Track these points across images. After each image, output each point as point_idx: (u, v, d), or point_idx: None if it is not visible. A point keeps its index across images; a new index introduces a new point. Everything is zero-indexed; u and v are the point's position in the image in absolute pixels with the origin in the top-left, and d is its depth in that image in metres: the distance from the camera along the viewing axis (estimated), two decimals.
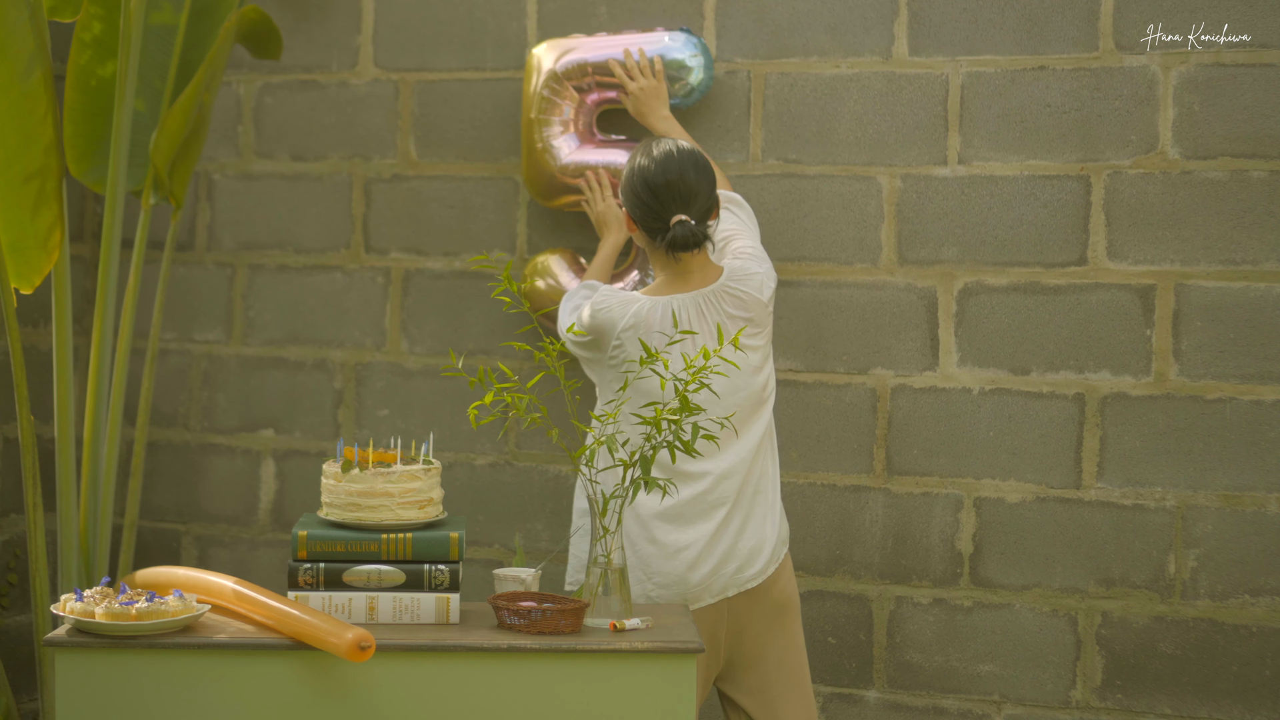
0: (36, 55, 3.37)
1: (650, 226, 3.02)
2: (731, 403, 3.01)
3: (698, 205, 3.00)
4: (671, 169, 3.00)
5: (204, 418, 4.10)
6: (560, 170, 3.62)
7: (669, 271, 3.06)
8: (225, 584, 2.86)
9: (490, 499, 3.89)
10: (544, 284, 3.66)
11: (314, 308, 4.01)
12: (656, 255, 3.07)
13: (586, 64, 3.62)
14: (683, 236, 2.98)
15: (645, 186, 3.00)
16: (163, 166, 3.60)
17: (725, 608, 3.04)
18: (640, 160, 3.04)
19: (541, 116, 3.65)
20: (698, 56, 3.59)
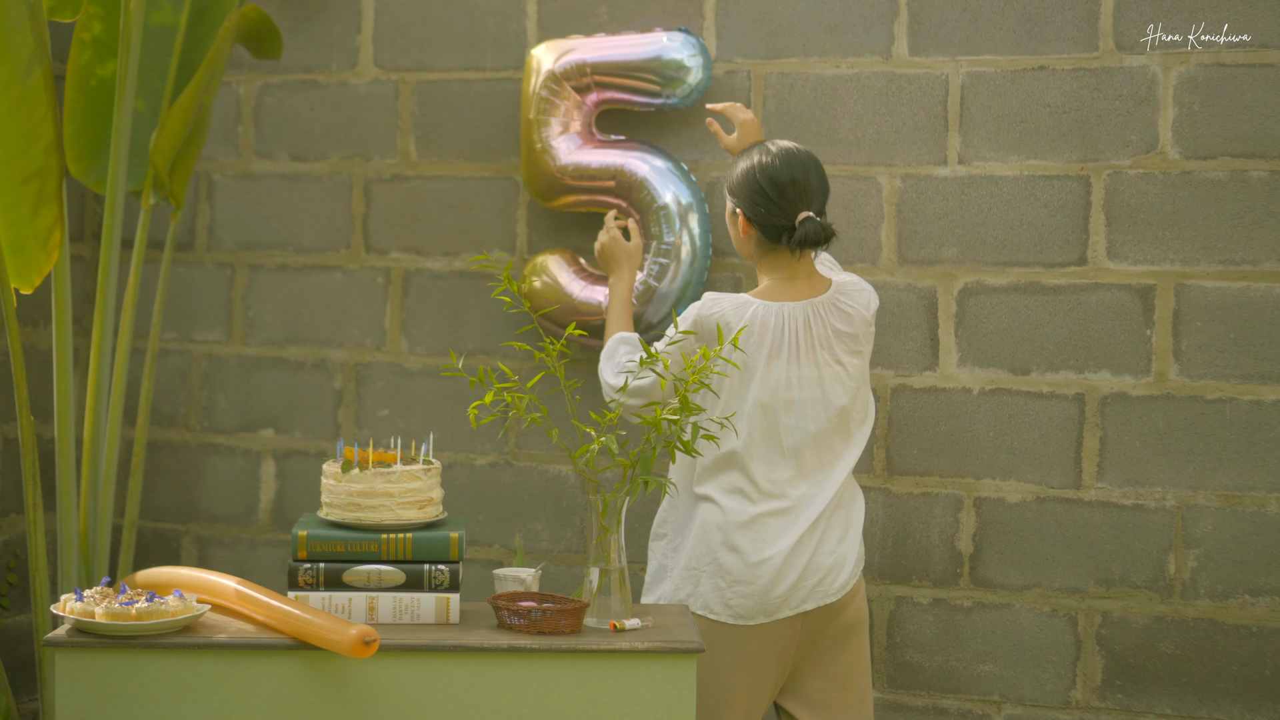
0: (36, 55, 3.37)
1: (773, 224, 2.96)
2: (813, 416, 2.96)
3: (818, 205, 2.96)
4: (796, 165, 2.96)
5: (204, 418, 4.11)
6: (560, 171, 3.62)
7: (779, 276, 3.00)
8: (226, 584, 2.86)
9: (490, 499, 3.89)
10: (540, 282, 3.66)
11: (314, 308, 4.01)
12: (769, 258, 3.01)
13: (586, 64, 3.62)
14: (813, 232, 2.92)
15: (771, 183, 2.95)
16: (163, 166, 3.60)
17: (800, 621, 2.98)
18: (761, 158, 2.98)
19: (540, 117, 3.65)
20: (696, 56, 3.59)
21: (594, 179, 3.61)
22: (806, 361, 2.94)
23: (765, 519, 2.95)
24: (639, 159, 3.59)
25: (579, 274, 3.66)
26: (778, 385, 2.93)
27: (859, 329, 3.00)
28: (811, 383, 2.95)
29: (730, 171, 3.04)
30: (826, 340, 2.96)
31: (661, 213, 3.55)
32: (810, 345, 2.94)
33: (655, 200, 3.55)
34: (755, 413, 2.95)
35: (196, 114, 3.61)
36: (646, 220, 3.57)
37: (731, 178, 3.03)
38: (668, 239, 3.55)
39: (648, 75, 3.60)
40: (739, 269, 3.68)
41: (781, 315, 2.94)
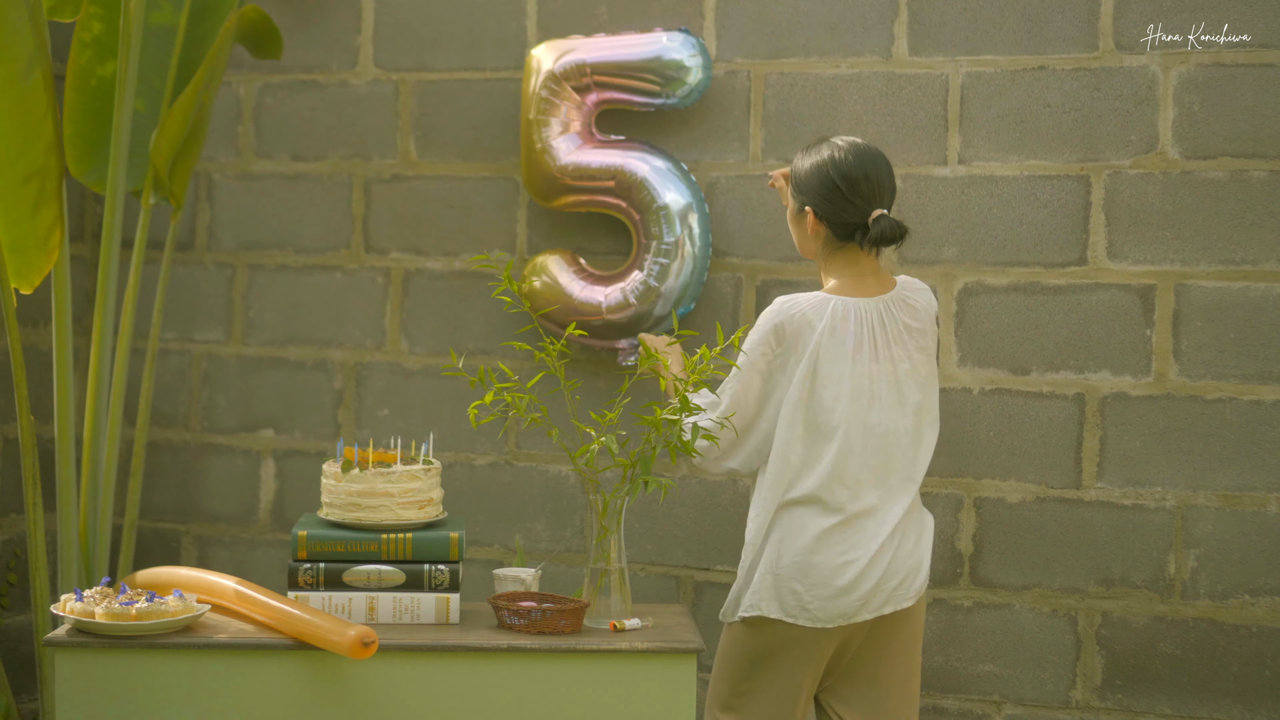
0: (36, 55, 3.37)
1: (844, 222, 2.86)
2: (894, 415, 2.87)
3: (888, 201, 2.88)
4: (868, 162, 2.87)
5: (204, 418, 4.10)
6: (560, 170, 3.62)
7: (848, 274, 2.90)
8: (226, 584, 2.87)
9: (490, 499, 3.89)
10: (540, 283, 3.66)
11: (314, 308, 4.01)
12: (838, 256, 2.91)
13: (585, 64, 3.62)
14: (889, 230, 2.82)
15: (843, 179, 2.85)
16: (163, 166, 3.60)
17: (871, 625, 2.87)
18: (831, 153, 2.88)
19: (540, 117, 3.65)
20: (696, 56, 3.59)
21: (594, 179, 3.61)
22: (884, 358, 2.85)
23: (849, 522, 2.83)
24: (639, 159, 3.59)
25: (579, 274, 3.66)
26: (861, 383, 2.83)
27: (926, 324, 2.93)
28: (889, 380, 2.86)
29: (796, 167, 2.93)
30: (900, 336, 2.88)
31: (661, 213, 3.55)
32: (886, 342, 2.86)
33: (655, 200, 3.55)
34: (841, 413, 2.83)
35: (196, 114, 3.61)
36: (646, 220, 3.57)
37: (799, 174, 2.92)
38: (668, 239, 3.55)
39: (648, 75, 3.60)
40: (738, 269, 3.68)
41: (860, 311, 2.85)
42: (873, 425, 2.85)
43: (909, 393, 2.88)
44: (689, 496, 3.74)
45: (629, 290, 3.58)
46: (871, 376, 2.85)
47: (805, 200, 2.91)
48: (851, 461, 2.83)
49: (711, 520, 3.71)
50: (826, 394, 2.83)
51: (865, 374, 2.84)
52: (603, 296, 3.59)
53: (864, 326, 2.85)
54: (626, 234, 3.72)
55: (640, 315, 3.56)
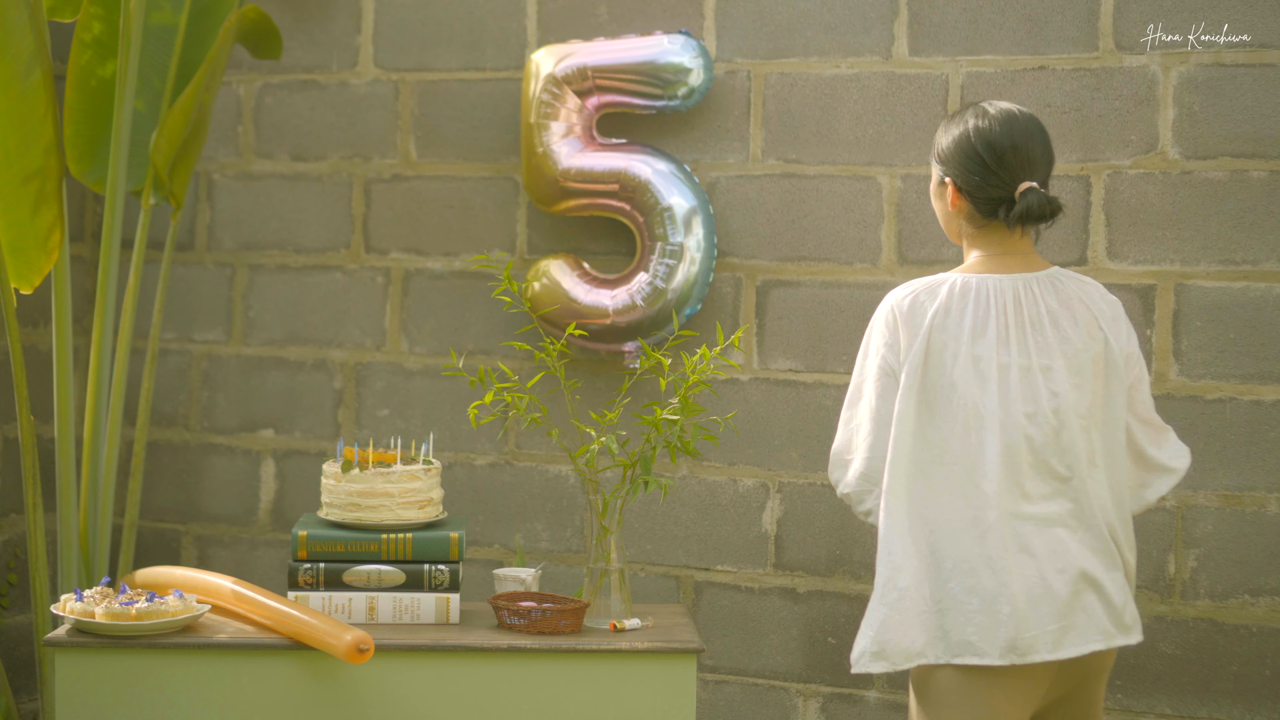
0: (36, 55, 3.37)
1: (988, 196, 2.55)
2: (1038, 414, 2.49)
3: (1041, 175, 2.57)
4: (1018, 131, 2.56)
5: (204, 418, 4.10)
6: (562, 175, 3.62)
7: (990, 252, 2.59)
8: (225, 584, 2.87)
9: (490, 499, 3.89)
10: (541, 286, 3.66)
11: (314, 308, 4.01)
12: (981, 235, 2.59)
13: (586, 68, 3.62)
14: (1037, 205, 2.51)
15: (989, 149, 2.54)
16: (163, 166, 3.60)
17: (1056, 666, 2.48)
18: (976, 121, 2.58)
19: (541, 121, 3.65)
20: (697, 58, 3.60)
21: (597, 182, 3.61)
22: (1017, 344, 2.50)
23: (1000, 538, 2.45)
24: (642, 161, 3.59)
25: (583, 278, 3.66)
26: (988, 369, 2.49)
27: (1083, 324, 2.54)
28: (1020, 369, 2.49)
29: (939, 137, 2.65)
30: (1039, 321, 2.52)
31: (665, 214, 3.55)
32: (1020, 325, 2.51)
33: (660, 202, 3.55)
34: (964, 406, 2.49)
35: (196, 114, 3.61)
36: (651, 222, 3.57)
37: (941, 144, 2.63)
38: (673, 240, 3.55)
39: (649, 78, 3.60)
40: (738, 269, 3.68)
41: (986, 287, 2.53)
42: (1008, 425, 2.47)
43: (1060, 387, 2.50)
44: (689, 496, 3.74)
45: (635, 293, 3.58)
46: (1002, 367, 2.50)
47: (945, 171, 2.61)
48: (985, 470, 2.47)
49: (711, 520, 3.71)
50: (942, 381, 2.50)
51: (987, 360, 2.49)
52: (609, 300, 3.59)
53: (988, 306, 2.52)
54: (627, 236, 3.72)
55: (647, 317, 3.56)
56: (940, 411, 2.50)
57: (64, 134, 3.64)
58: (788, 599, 3.66)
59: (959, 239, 2.67)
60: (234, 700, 2.71)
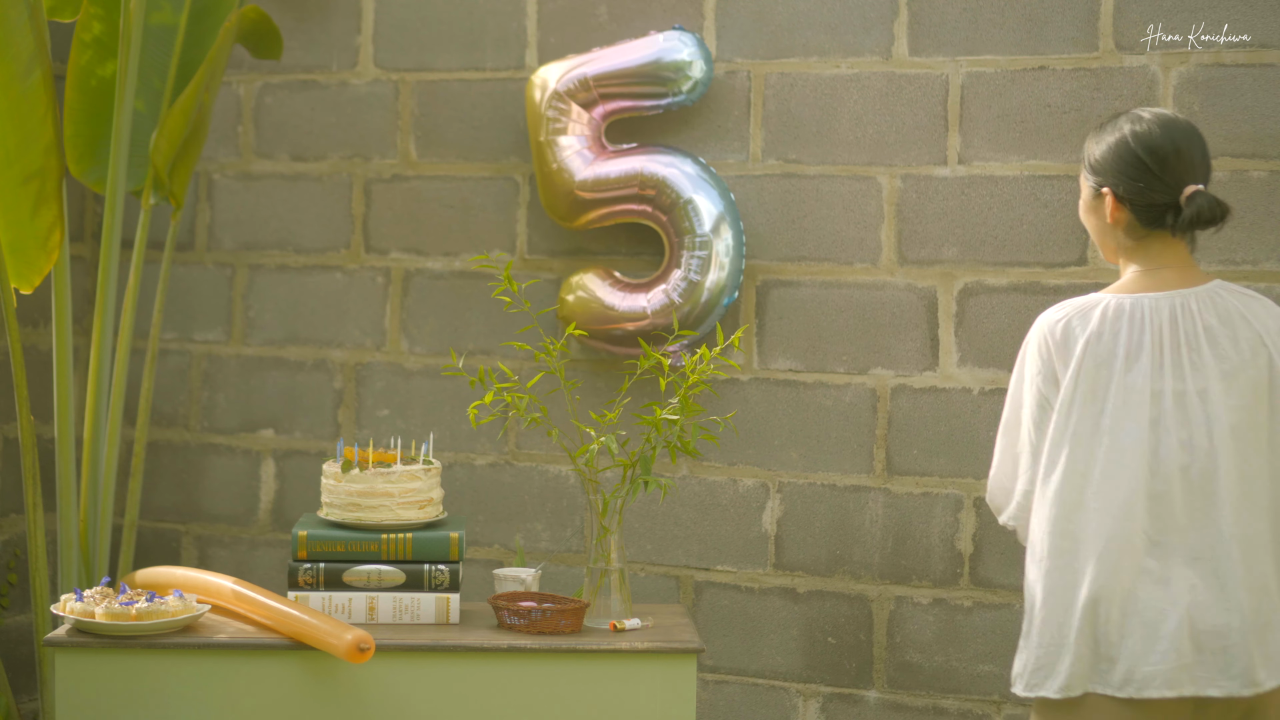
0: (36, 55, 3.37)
1: (1152, 202, 2.43)
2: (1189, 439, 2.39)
3: (1203, 179, 2.45)
4: (1179, 135, 2.44)
5: (204, 418, 4.10)
6: (579, 187, 3.61)
7: (1147, 266, 2.47)
8: (225, 584, 2.87)
9: (490, 499, 3.89)
10: (575, 298, 3.66)
11: (314, 308, 4.01)
12: (1141, 246, 2.47)
13: (587, 78, 3.62)
14: (1208, 208, 2.38)
15: (1151, 153, 2.42)
16: (163, 166, 3.60)
17: (1192, 704, 2.37)
18: (1133, 126, 2.45)
19: (550, 138, 3.64)
20: (696, 51, 3.60)
21: (615, 188, 3.60)
22: (1171, 367, 2.39)
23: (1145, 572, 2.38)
24: (657, 160, 3.59)
25: (615, 286, 3.65)
26: (1141, 397, 2.39)
27: (1242, 342, 2.40)
28: (1174, 395, 2.40)
29: (1089, 148, 2.53)
30: (1196, 342, 2.40)
31: (689, 207, 3.55)
32: (1175, 346, 2.40)
33: (681, 196, 3.55)
34: (1116, 431, 2.40)
35: (196, 114, 3.61)
36: (675, 218, 3.57)
37: (1093, 154, 2.50)
38: (701, 232, 3.55)
39: (650, 78, 3.60)
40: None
41: (1140, 308, 2.42)
42: (1157, 449, 2.39)
43: (1214, 409, 2.38)
44: (689, 496, 3.74)
45: (672, 291, 3.57)
46: (1154, 392, 2.40)
47: (1103, 181, 2.47)
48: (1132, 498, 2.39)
49: (711, 520, 3.72)
50: (1094, 411, 2.41)
51: (1144, 387, 2.39)
52: (645, 302, 3.59)
53: (1143, 329, 2.41)
54: (653, 239, 3.72)
55: (687, 314, 3.55)
56: (1093, 442, 2.41)
57: (64, 134, 3.64)
58: (788, 599, 3.66)
59: (1115, 256, 2.52)
60: (234, 700, 2.71)
